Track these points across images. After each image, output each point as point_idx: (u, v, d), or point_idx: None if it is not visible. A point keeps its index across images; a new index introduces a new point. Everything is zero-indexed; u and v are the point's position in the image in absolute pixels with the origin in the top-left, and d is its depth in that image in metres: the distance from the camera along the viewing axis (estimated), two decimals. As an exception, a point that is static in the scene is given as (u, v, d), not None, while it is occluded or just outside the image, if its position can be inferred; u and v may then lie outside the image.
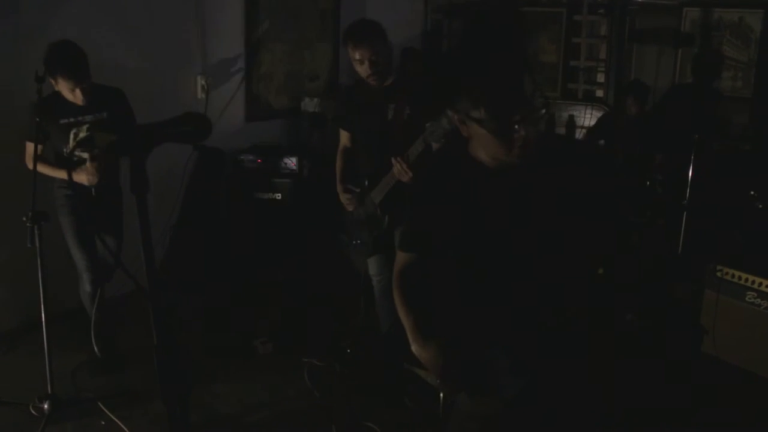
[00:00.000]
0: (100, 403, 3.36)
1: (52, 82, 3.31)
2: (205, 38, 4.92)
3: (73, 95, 3.34)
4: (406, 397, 3.52)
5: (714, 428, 3.33)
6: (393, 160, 3.17)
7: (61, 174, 3.45)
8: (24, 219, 3.12)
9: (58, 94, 3.38)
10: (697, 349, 3.94)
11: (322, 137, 5.34)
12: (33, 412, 3.25)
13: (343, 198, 3.55)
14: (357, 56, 3.24)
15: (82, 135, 3.07)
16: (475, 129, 1.78)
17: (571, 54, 6.49)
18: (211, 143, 4.86)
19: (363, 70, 3.26)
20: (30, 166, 3.31)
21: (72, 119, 3.39)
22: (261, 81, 5.45)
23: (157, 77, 4.54)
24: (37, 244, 3.13)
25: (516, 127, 1.73)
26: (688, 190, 4.72)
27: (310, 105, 5.58)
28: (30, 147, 3.35)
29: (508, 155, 1.80)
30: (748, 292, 3.75)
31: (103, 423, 3.28)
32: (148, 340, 1.42)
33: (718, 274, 3.88)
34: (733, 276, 3.82)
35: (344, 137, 3.61)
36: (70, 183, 3.49)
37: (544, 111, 1.81)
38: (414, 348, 2.01)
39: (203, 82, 4.93)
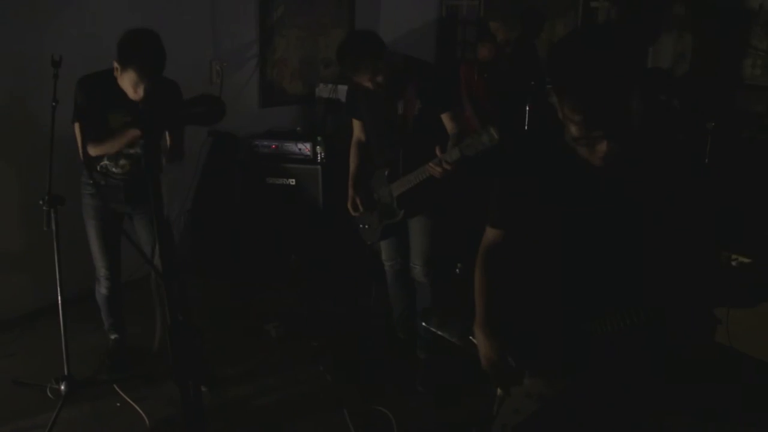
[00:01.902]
0: (115, 386, 3.41)
1: (117, 70, 3.03)
2: (218, 24, 4.93)
3: (135, 91, 3.02)
4: (417, 380, 3.53)
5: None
6: (429, 165, 3.04)
7: (117, 146, 3.17)
8: (40, 202, 3.14)
9: (110, 77, 3.08)
10: (711, 339, 3.91)
11: (337, 123, 5.34)
12: (49, 394, 3.29)
13: (351, 205, 3.55)
14: (358, 80, 3.17)
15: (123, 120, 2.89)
16: (568, 126, 1.70)
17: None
18: (225, 129, 4.98)
19: (371, 86, 3.17)
20: (92, 151, 3.20)
21: (125, 117, 3.14)
22: (275, 67, 5.45)
23: (170, 63, 4.52)
24: (54, 228, 3.15)
25: (599, 140, 1.64)
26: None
27: (324, 91, 5.57)
28: (77, 128, 3.23)
29: (591, 159, 1.72)
30: (763, 282, 3.72)
31: (118, 404, 3.32)
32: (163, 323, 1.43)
33: (733, 263, 3.85)
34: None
35: (357, 127, 3.59)
36: (97, 180, 3.34)
37: (648, 127, 1.66)
38: (476, 329, 1.99)
39: (217, 68, 4.94)
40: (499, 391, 2.06)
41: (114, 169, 3.34)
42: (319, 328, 4.08)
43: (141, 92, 2.94)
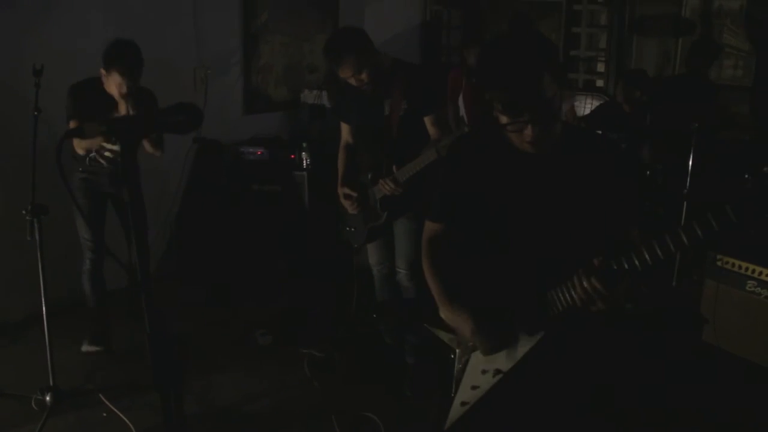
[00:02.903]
0: (101, 395, 3.39)
1: (103, 76, 3.43)
2: (202, 31, 4.92)
3: (120, 92, 3.43)
4: (405, 386, 3.53)
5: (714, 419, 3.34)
6: (381, 182, 3.23)
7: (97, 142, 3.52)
8: (24, 212, 3.13)
9: (97, 84, 3.47)
10: (698, 338, 3.94)
11: (322, 129, 5.34)
12: (34, 406, 3.27)
13: (345, 202, 3.54)
14: (341, 75, 3.19)
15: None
16: (499, 118, 1.83)
17: (571, 44, 6.47)
18: (211, 136, 4.97)
19: (355, 82, 3.20)
20: (78, 149, 3.56)
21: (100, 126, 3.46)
22: (260, 73, 5.45)
23: (154, 69, 4.51)
24: (37, 237, 3.14)
25: (524, 124, 1.76)
26: (688, 180, 4.73)
27: (309, 97, 5.57)
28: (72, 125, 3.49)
29: (521, 146, 1.85)
30: (749, 281, 3.74)
31: (104, 414, 3.30)
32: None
33: (718, 263, 3.88)
34: (733, 265, 3.82)
35: (345, 131, 3.59)
36: (86, 166, 3.67)
37: (561, 107, 1.81)
38: (443, 313, 2.10)
39: (202, 75, 4.93)
40: (455, 371, 2.13)
41: (101, 160, 3.70)
42: (307, 335, 4.08)
43: (124, 90, 3.41)
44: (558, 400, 2.01)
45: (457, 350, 2.16)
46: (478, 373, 2.04)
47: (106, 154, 3.69)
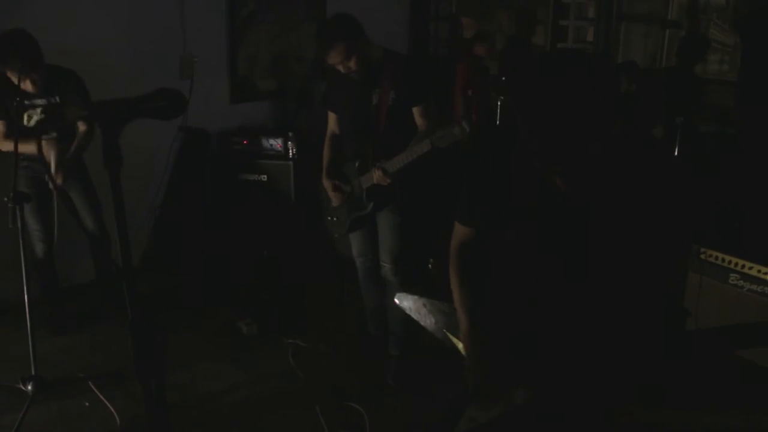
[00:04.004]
0: (90, 383, 3.38)
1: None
2: (188, 19, 4.87)
3: (23, 84, 3.38)
4: (389, 377, 3.53)
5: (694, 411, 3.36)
6: (374, 170, 3.19)
7: (30, 148, 3.45)
8: (5, 200, 3.10)
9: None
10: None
11: (309, 119, 5.31)
12: (17, 394, 3.24)
13: (331, 194, 3.52)
14: (330, 61, 3.18)
15: (36, 118, 3.09)
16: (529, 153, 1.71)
17: (559, 36, 6.47)
18: (197, 124, 4.93)
19: (342, 69, 3.21)
20: (1, 145, 3.51)
21: (26, 102, 3.47)
22: (247, 62, 5.41)
23: (139, 58, 4.49)
24: (19, 225, 3.11)
25: (558, 174, 1.66)
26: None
27: (296, 86, 5.54)
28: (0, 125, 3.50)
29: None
30: (731, 274, 3.76)
31: (87, 404, 3.28)
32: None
33: (702, 256, 3.90)
34: (716, 258, 3.84)
35: (332, 120, 3.58)
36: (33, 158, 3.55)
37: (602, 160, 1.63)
38: (461, 326, 1.99)
39: (188, 63, 4.88)
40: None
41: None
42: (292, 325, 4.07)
43: (28, 84, 3.38)
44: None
45: None
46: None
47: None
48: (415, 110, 3.24)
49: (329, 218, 3.60)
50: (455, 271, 2.01)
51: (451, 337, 2.06)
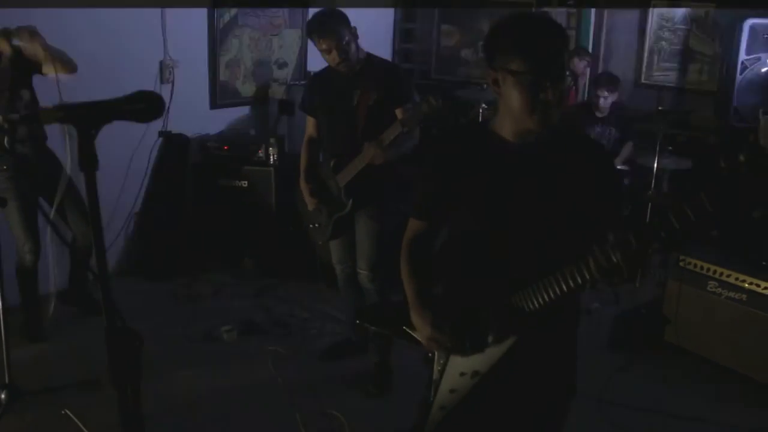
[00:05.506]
0: (65, 391, 3.32)
1: None
2: (169, 23, 4.84)
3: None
4: (370, 384, 3.52)
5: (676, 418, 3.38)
6: (366, 144, 3.18)
7: None
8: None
9: None
10: (660, 338, 3.98)
11: (290, 125, 5.30)
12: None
13: (307, 198, 3.52)
14: (323, 47, 3.23)
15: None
16: (509, 87, 1.80)
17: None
18: (177, 129, 4.90)
19: (331, 59, 3.25)
20: None
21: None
22: (228, 67, 5.39)
23: (119, 62, 4.46)
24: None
25: (547, 85, 1.76)
26: (653, 182, 4.80)
27: (278, 92, 5.53)
28: None
29: (529, 120, 1.82)
30: (710, 282, 3.79)
31: (63, 412, 3.22)
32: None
33: (681, 263, 3.93)
34: (695, 266, 3.86)
35: (310, 124, 3.58)
36: (10, 161, 3.54)
37: (570, 80, 1.85)
38: (412, 314, 2.08)
39: (169, 68, 4.85)
40: (434, 374, 2.09)
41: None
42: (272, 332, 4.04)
43: None
44: (533, 402, 1.99)
45: (436, 354, 2.11)
46: (457, 376, 2.01)
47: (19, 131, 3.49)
48: (398, 112, 3.26)
49: (311, 226, 3.58)
50: (406, 262, 2.13)
51: (409, 331, 2.13)
